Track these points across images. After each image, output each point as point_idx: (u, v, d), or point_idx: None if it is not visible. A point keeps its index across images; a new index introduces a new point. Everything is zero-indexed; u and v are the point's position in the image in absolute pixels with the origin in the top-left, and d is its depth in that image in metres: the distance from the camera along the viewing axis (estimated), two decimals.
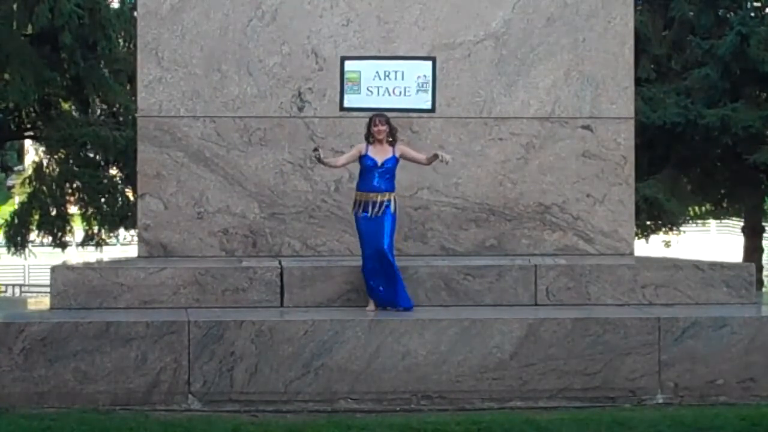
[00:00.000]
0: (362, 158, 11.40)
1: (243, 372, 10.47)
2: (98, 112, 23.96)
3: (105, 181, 23.04)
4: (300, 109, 12.79)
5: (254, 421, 9.98)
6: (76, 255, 24.97)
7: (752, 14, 21.87)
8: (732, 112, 20.64)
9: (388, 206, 11.33)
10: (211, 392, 10.44)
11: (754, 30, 20.86)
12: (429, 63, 12.82)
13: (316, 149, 11.50)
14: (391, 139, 11.40)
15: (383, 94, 12.73)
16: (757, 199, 23.73)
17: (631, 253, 12.96)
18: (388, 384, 10.56)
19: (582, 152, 12.94)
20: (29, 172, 24.85)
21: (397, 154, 11.40)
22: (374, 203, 11.33)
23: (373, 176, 11.36)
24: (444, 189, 12.82)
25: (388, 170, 11.38)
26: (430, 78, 12.82)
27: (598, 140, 12.96)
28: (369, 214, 11.30)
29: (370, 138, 11.40)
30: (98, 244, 23.51)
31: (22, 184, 25.17)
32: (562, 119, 12.93)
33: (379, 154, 11.38)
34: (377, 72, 12.76)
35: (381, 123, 11.37)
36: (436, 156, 11.46)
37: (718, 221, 35.71)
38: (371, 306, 11.29)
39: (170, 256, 12.50)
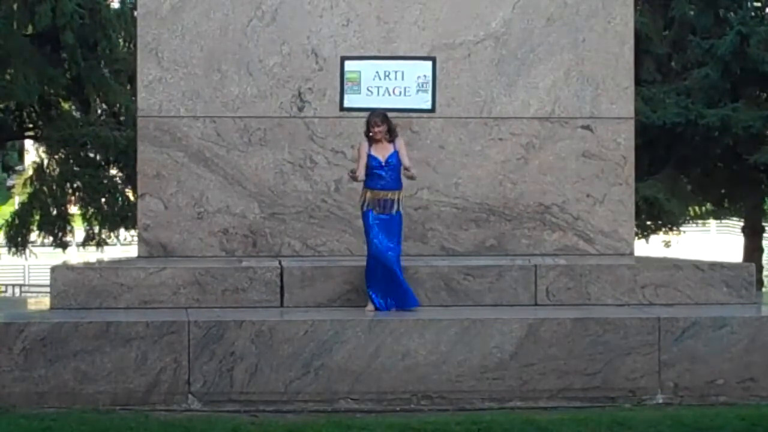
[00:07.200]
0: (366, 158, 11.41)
1: (243, 372, 10.46)
2: (98, 112, 23.96)
3: (105, 181, 23.05)
4: (300, 109, 12.79)
5: (254, 421, 9.97)
6: (77, 255, 24.96)
7: (752, 14, 21.84)
8: (732, 112, 20.62)
9: (397, 206, 11.33)
10: (211, 392, 10.43)
11: (754, 30, 20.86)
12: (429, 63, 12.82)
13: (352, 171, 11.47)
14: (389, 137, 11.40)
15: (383, 94, 12.74)
16: (757, 199, 23.71)
17: (631, 253, 12.96)
18: (388, 384, 10.55)
19: (582, 152, 12.94)
20: (30, 172, 24.85)
21: (397, 148, 11.40)
22: (385, 201, 11.35)
23: (380, 174, 11.36)
24: (444, 189, 12.82)
25: (393, 166, 11.38)
26: (430, 78, 12.82)
27: (598, 140, 12.96)
28: (381, 212, 11.29)
29: (369, 135, 11.41)
30: (98, 244, 23.51)
31: (23, 184, 25.19)
32: (562, 119, 12.93)
33: (381, 151, 11.38)
34: (377, 72, 12.76)
35: (378, 124, 11.36)
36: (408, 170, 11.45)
37: (718, 221, 35.67)
38: (371, 306, 11.29)
39: (170, 256, 12.50)
